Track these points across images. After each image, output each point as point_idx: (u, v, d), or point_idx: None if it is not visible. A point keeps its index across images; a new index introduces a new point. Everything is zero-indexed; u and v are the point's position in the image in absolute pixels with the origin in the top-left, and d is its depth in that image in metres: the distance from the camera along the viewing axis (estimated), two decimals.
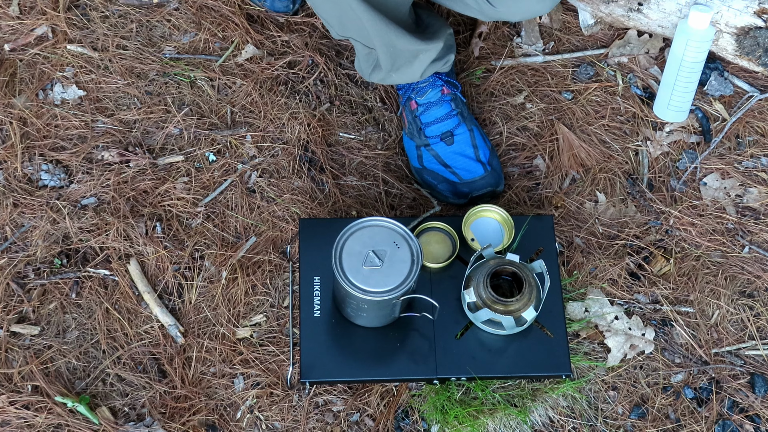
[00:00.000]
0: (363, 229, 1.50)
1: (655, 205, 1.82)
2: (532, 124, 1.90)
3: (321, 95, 1.91)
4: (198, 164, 1.81)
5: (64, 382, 1.61)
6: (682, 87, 1.84)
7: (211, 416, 1.60)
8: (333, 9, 1.62)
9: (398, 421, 1.61)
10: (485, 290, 1.55)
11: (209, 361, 1.64)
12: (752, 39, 1.87)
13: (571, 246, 1.76)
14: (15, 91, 1.88)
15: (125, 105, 1.88)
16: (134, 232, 1.73)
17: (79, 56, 1.92)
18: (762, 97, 1.93)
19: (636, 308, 1.71)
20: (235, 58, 1.94)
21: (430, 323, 1.60)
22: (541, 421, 1.62)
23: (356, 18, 1.58)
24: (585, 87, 1.95)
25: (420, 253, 1.48)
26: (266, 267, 1.72)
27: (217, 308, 1.68)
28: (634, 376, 1.66)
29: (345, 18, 1.62)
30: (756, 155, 1.88)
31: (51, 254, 1.71)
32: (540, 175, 1.84)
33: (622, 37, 2.00)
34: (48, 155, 1.80)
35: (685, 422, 1.62)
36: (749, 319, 1.71)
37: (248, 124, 1.86)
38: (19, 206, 1.75)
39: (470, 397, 1.61)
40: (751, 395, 1.64)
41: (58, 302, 1.67)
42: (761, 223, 1.80)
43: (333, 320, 1.61)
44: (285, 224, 1.76)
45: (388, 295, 1.46)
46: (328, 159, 1.84)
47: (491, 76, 1.95)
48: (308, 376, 1.58)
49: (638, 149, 1.88)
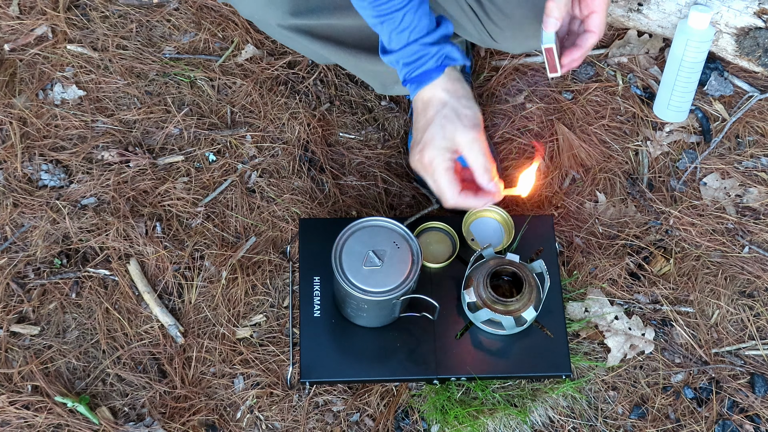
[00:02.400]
0: (363, 229, 1.50)
1: (655, 205, 1.82)
2: (532, 124, 1.90)
3: (321, 95, 1.91)
4: (198, 164, 1.81)
5: (64, 382, 1.61)
6: (682, 87, 1.84)
7: (211, 416, 1.60)
8: (302, 51, 1.66)
9: (398, 421, 1.61)
10: (485, 290, 1.55)
11: (209, 361, 1.64)
12: (752, 39, 1.87)
13: (571, 246, 1.76)
14: (15, 91, 1.88)
15: (125, 105, 1.88)
16: (134, 232, 1.73)
17: (79, 56, 1.92)
18: (762, 97, 1.93)
19: (636, 308, 1.71)
20: (235, 58, 1.94)
21: (430, 323, 1.60)
22: (541, 421, 1.62)
23: (324, 58, 1.62)
24: (585, 87, 1.95)
25: (420, 253, 1.48)
26: (266, 267, 1.72)
27: (217, 308, 1.68)
28: (634, 376, 1.66)
29: (316, 57, 1.66)
30: (756, 155, 1.88)
31: (51, 254, 1.71)
32: (540, 175, 1.84)
33: (622, 37, 2.00)
34: (48, 155, 1.80)
35: (685, 422, 1.62)
36: (749, 319, 1.71)
37: (248, 124, 1.86)
38: (19, 206, 1.75)
39: (470, 397, 1.61)
40: (751, 395, 1.64)
41: (58, 302, 1.67)
42: (761, 223, 1.80)
43: (333, 320, 1.61)
44: (285, 224, 1.76)
45: (388, 295, 1.46)
46: (328, 159, 1.84)
47: (493, 77, 1.95)
48: (308, 376, 1.58)
49: (638, 149, 1.88)
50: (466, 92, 1.33)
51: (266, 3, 1.51)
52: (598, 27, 1.38)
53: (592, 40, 1.39)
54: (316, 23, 1.54)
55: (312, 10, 1.52)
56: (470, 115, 1.30)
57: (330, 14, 1.53)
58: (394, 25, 1.32)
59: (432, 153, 1.30)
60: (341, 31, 1.56)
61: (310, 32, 1.55)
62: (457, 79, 1.33)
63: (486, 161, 1.31)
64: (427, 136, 1.31)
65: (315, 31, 1.55)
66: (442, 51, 1.33)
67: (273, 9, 1.51)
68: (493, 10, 1.52)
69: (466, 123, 1.29)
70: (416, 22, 1.31)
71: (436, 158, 1.30)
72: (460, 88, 1.33)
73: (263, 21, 1.57)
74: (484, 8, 1.53)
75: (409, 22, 1.31)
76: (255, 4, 1.53)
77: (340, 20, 1.54)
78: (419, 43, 1.32)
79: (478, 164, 1.31)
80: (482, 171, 1.31)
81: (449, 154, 1.30)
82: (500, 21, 1.53)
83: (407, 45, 1.33)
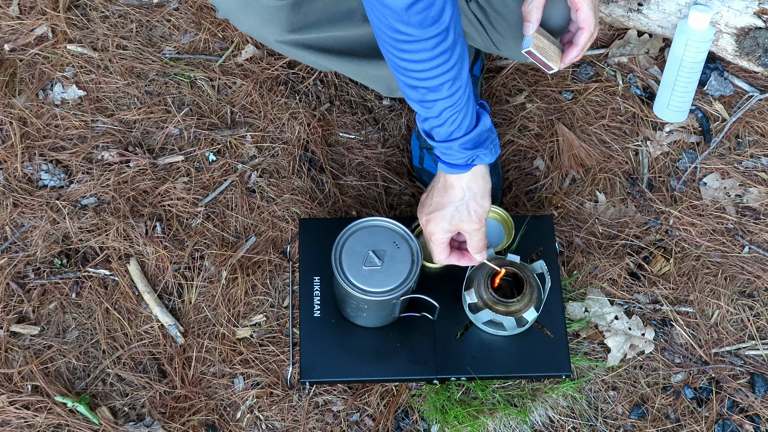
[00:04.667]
0: (363, 229, 1.50)
1: (655, 205, 1.82)
2: (532, 124, 1.90)
3: (321, 95, 1.91)
4: (198, 164, 1.81)
5: (64, 382, 1.61)
6: (682, 87, 1.84)
7: (211, 416, 1.60)
8: (303, 61, 1.67)
9: (398, 421, 1.61)
10: (486, 291, 1.55)
11: (209, 361, 1.64)
12: (752, 39, 1.87)
13: (571, 246, 1.76)
14: (15, 91, 1.88)
15: (125, 105, 1.88)
16: (134, 232, 1.73)
17: (79, 56, 1.92)
18: (762, 97, 1.93)
19: (636, 308, 1.71)
20: (235, 58, 1.94)
21: (430, 323, 1.60)
22: (541, 421, 1.62)
23: (326, 66, 1.64)
24: (585, 87, 1.95)
25: (420, 253, 1.49)
26: (266, 267, 1.72)
27: (217, 308, 1.68)
28: (634, 376, 1.66)
29: (317, 66, 1.67)
30: (756, 155, 1.88)
31: (51, 254, 1.71)
32: (540, 175, 1.84)
33: (622, 37, 2.00)
34: (48, 155, 1.80)
35: (685, 422, 1.62)
36: (749, 319, 1.71)
37: (248, 124, 1.86)
38: (19, 206, 1.75)
39: (470, 397, 1.61)
40: (751, 395, 1.64)
41: (58, 302, 1.67)
42: (761, 223, 1.80)
43: (333, 320, 1.61)
44: (285, 224, 1.76)
45: (388, 295, 1.46)
46: (328, 159, 1.84)
47: (495, 78, 1.95)
48: (308, 376, 1.58)
49: (638, 149, 1.88)
50: (483, 191, 1.44)
51: (264, 21, 1.51)
52: (586, 22, 1.44)
53: (584, 36, 1.46)
54: (315, 36, 1.54)
55: (311, 24, 1.52)
56: (480, 212, 1.45)
57: (330, 27, 1.53)
58: (438, 123, 1.36)
59: (435, 228, 1.47)
60: (342, 41, 1.56)
61: (311, 46, 1.56)
62: (481, 176, 1.44)
63: (480, 245, 1.49)
64: (437, 215, 1.46)
65: (315, 44, 1.56)
66: (474, 153, 1.38)
67: (271, 26, 1.52)
68: (497, 19, 1.54)
69: (473, 217, 1.45)
70: (459, 122, 1.35)
71: (436, 233, 1.48)
72: (481, 187, 1.44)
73: (262, 37, 1.58)
74: (489, 18, 1.55)
75: (452, 122, 1.35)
76: (253, 22, 1.53)
77: (341, 32, 1.54)
78: (457, 143, 1.37)
79: (472, 246, 1.50)
80: (474, 250, 1.50)
81: (449, 234, 1.48)
82: (503, 30, 1.55)
83: (443, 141, 1.38)
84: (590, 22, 1.45)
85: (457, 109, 1.33)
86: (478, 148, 1.38)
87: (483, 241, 1.49)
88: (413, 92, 1.31)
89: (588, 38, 1.46)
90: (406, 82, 1.30)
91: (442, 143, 1.38)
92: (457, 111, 1.33)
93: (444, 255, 1.51)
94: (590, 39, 1.47)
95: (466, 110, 1.34)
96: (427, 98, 1.31)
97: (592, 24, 1.45)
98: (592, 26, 1.45)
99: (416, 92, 1.31)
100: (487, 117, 1.39)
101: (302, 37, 1.54)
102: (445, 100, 1.31)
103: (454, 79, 1.29)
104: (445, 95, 1.30)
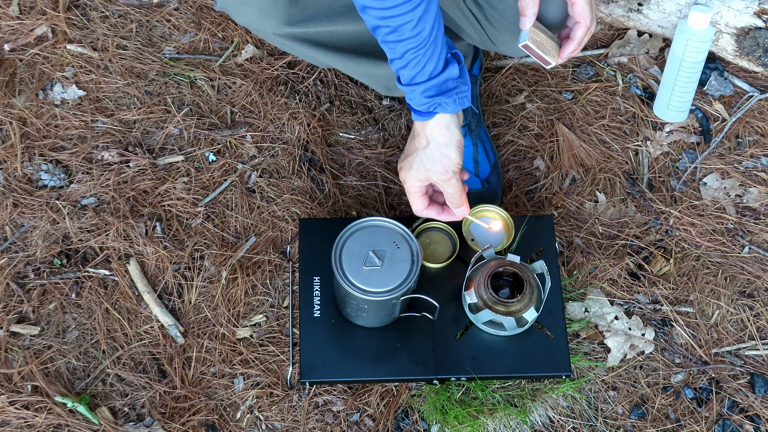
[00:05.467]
0: (363, 229, 1.50)
1: (655, 205, 1.82)
2: (532, 124, 1.90)
3: (321, 95, 1.91)
4: (198, 164, 1.81)
5: (64, 382, 1.61)
6: (682, 87, 1.84)
7: (211, 416, 1.60)
8: (300, 56, 1.68)
9: (398, 421, 1.61)
10: (486, 291, 1.55)
11: (209, 361, 1.64)
12: (752, 39, 1.87)
13: (571, 246, 1.76)
14: (15, 91, 1.88)
15: (125, 105, 1.88)
16: (134, 232, 1.73)
17: (79, 56, 1.92)
18: (762, 97, 1.93)
19: (636, 308, 1.71)
20: (235, 58, 1.94)
21: (430, 323, 1.60)
22: (541, 421, 1.62)
23: (324, 63, 1.65)
24: (585, 87, 1.95)
25: (420, 253, 1.49)
26: (266, 267, 1.72)
27: (217, 308, 1.68)
28: (634, 376, 1.66)
29: (315, 62, 1.67)
30: (756, 155, 1.88)
31: (51, 254, 1.71)
32: (540, 175, 1.84)
33: (622, 37, 2.00)
34: (48, 155, 1.80)
35: (685, 422, 1.62)
36: (749, 319, 1.71)
37: (248, 124, 1.86)
38: (19, 206, 1.75)
39: (470, 397, 1.61)
40: (751, 395, 1.64)
41: (58, 302, 1.67)
42: (761, 223, 1.80)
43: (333, 320, 1.61)
44: (285, 224, 1.76)
45: (388, 295, 1.46)
46: (328, 159, 1.84)
47: (494, 78, 1.95)
48: (308, 376, 1.58)
49: (638, 149, 1.88)
50: (448, 141, 1.42)
51: (262, 13, 1.51)
52: (582, 16, 1.45)
53: (580, 30, 1.47)
54: (313, 30, 1.54)
55: (309, 18, 1.52)
56: (446, 162, 1.44)
57: (327, 21, 1.53)
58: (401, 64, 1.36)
59: (406, 176, 1.48)
60: (340, 37, 1.56)
61: (308, 40, 1.56)
62: (445, 126, 1.42)
63: (454, 199, 1.49)
64: (406, 162, 1.47)
65: (313, 39, 1.56)
66: (436, 101, 1.38)
67: (269, 19, 1.52)
68: (493, 15, 1.54)
69: (439, 168, 1.44)
70: (422, 66, 1.34)
71: (408, 181, 1.48)
72: (445, 136, 1.42)
73: (260, 30, 1.58)
74: (485, 13, 1.55)
75: (415, 63, 1.34)
76: (251, 14, 1.53)
77: (339, 27, 1.54)
78: (419, 88, 1.36)
79: (448, 200, 1.50)
80: (451, 205, 1.51)
81: (419, 183, 1.48)
82: (499, 25, 1.55)
83: (406, 85, 1.38)
84: (586, 16, 1.45)
85: (420, 52, 1.31)
86: (440, 95, 1.37)
87: (457, 195, 1.48)
88: (377, 32, 1.31)
89: (585, 32, 1.47)
90: (369, 21, 1.30)
91: (405, 86, 1.37)
92: (421, 54, 1.31)
93: (420, 206, 1.51)
94: (587, 33, 1.47)
95: (431, 54, 1.32)
96: (389, 39, 1.30)
97: (589, 18, 1.45)
98: (588, 20, 1.45)
99: (379, 32, 1.31)
100: (455, 66, 1.37)
101: (300, 30, 1.54)
102: (407, 41, 1.30)
103: (418, 21, 1.28)
104: (407, 36, 1.29)
